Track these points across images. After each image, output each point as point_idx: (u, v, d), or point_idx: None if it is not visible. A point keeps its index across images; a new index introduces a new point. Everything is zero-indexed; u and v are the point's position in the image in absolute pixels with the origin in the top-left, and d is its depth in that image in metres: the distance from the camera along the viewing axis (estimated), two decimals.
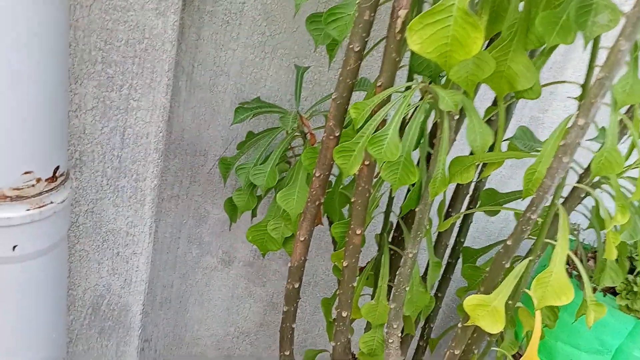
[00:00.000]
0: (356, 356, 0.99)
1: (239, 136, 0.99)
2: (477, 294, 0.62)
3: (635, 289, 0.94)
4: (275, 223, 0.83)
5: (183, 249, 1.07)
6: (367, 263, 0.87)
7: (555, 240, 0.60)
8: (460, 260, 0.93)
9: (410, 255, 0.69)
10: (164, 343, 1.17)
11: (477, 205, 0.88)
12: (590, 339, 1.03)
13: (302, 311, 1.24)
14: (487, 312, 0.59)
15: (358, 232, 0.71)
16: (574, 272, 1.06)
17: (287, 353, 0.89)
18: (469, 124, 0.56)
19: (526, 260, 0.64)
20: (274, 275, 1.18)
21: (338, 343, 0.81)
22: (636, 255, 0.99)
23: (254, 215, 0.94)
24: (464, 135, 0.59)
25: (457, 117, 0.60)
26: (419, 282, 0.80)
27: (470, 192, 0.89)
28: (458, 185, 0.87)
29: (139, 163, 0.80)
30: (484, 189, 0.87)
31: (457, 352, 0.68)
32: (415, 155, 0.64)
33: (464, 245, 0.93)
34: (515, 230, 0.58)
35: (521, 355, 0.93)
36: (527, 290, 0.69)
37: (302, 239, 0.77)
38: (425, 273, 0.86)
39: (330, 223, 0.93)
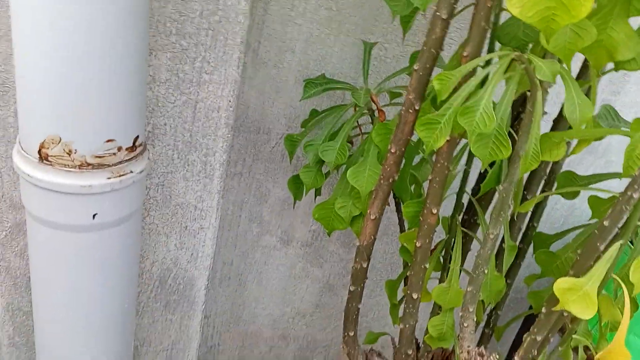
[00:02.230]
0: (419, 342, 0.96)
1: (302, 115, 0.97)
2: (556, 279, 0.58)
3: None
4: (343, 201, 0.81)
5: (244, 227, 1.07)
6: (436, 245, 0.84)
7: None
8: (531, 247, 0.89)
9: (492, 236, 0.66)
10: (222, 320, 1.18)
11: (554, 188, 0.83)
12: None
13: None
14: (578, 296, 0.56)
15: (434, 211, 0.69)
16: None
17: (352, 334, 0.87)
18: (567, 95, 0.52)
19: (617, 244, 0.60)
20: (332, 257, 1.16)
21: (406, 325, 0.79)
22: None
23: (318, 194, 0.92)
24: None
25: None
26: (493, 265, 0.77)
27: (546, 175, 0.85)
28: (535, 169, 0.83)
29: (209, 137, 0.79)
30: (561, 171, 0.83)
31: (539, 337, 0.65)
32: None
33: (537, 230, 0.89)
34: (614, 210, 0.54)
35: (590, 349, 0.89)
36: (614, 276, 0.66)
37: (372, 217, 0.75)
38: (497, 258, 0.83)
39: (397, 204, 0.90)
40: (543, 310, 0.64)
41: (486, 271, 0.68)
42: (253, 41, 0.89)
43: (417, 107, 0.63)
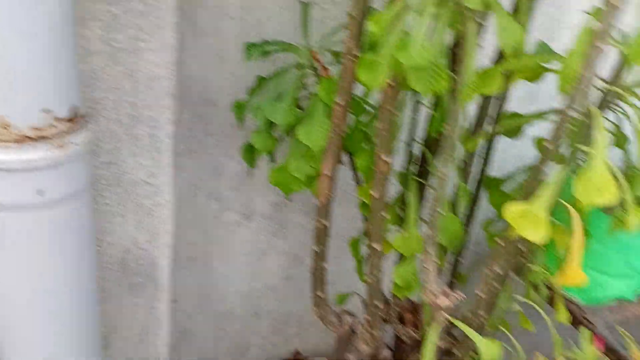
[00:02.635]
0: (388, 299, 0.98)
1: (248, 83, 0.96)
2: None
3: None
4: (298, 163, 0.81)
5: (203, 205, 1.06)
6: (393, 199, 0.86)
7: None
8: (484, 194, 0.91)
9: (442, 175, 0.67)
10: (192, 302, 1.17)
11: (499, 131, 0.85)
12: (619, 263, 1.01)
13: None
14: (529, 220, 0.58)
15: (385, 158, 0.69)
16: None
17: (321, 295, 0.88)
18: (498, 21, 0.53)
19: (562, 167, 0.62)
20: (296, 228, 1.16)
21: (373, 278, 0.80)
22: None
23: (272, 160, 0.92)
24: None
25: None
26: (449, 209, 0.78)
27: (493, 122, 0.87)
28: (480, 111, 0.84)
29: (153, 109, 0.78)
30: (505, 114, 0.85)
31: (496, 269, 0.66)
32: None
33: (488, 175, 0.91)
34: (555, 132, 0.56)
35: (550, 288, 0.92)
36: (562, 201, 0.68)
37: (328, 173, 0.75)
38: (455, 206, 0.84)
39: (352, 161, 0.91)
40: (498, 241, 0.66)
41: (442, 211, 0.69)
42: (189, 10, 0.87)
43: (356, 53, 0.63)
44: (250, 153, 0.88)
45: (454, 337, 0.89)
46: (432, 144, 0.80)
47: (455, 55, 0.63)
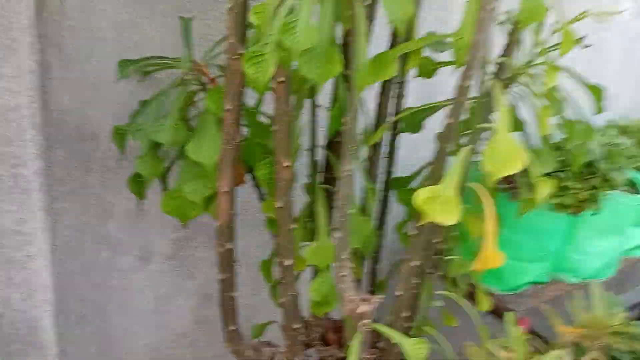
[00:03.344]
0: (306, 318, 0.92)
1: (132, 111, 0.88)
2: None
3: (563, 183, 0.96)
4: (192, 185, 0.73)
5: (91, 252, 0.94)
6: (299, 211, 0.81)
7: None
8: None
9: (346, 172, 0.63)
10: None
11: (400, 128, 0.85)
12: (532, 247, 1.04)
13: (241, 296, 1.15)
14: (439, 203, 0.55)
15: (286, 163, 0.65)
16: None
17: (233, 328, 0.80)
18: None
19: (468, 148, 0.61)
20: (203, 264, 1.07)
21: (286, 298, 0.74)
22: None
23: (165, 189, 0.83)
24: None
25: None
26: (358, 211, 0.75)
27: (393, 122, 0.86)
28: (379, 109, 0.83)
29: (14, 144, 0.67)
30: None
31: (413, 263, 0.63)
32: None
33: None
34: (454, 108, 0.55)
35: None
36: (471, 184, 0.67)
37: (225, 189, 0.69)
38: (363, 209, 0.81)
39: (253, 178, 0.85)
40: (410, 231, 0.63)
41: (350, 212, 0.65)
42: (55, 35, 0.78)
43: (240, 51, 0.59)
44: (137, 183, 0.79)
45: (380, 349, 0.85)
46: (335, 146, 0.76)
47: (347, 45, 0.61)
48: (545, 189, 0.64)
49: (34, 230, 0.72)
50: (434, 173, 0.59)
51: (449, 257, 0.73)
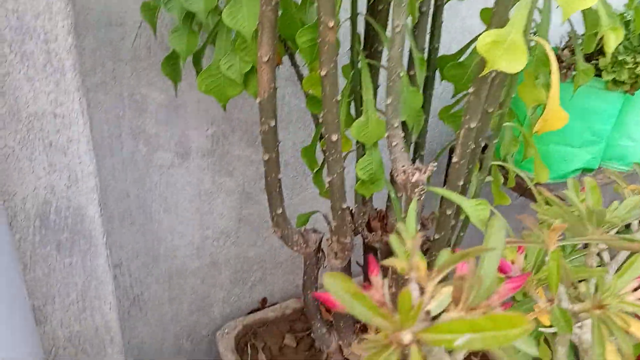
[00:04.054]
0: (353, 212, 0.90)
1: None
2: None
3: (620, 57, 0.89)
4: (229, 59, 0.69)
5: (128, 147, 0.93)
6: (342, 90, 0.77)
7: None
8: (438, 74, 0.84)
9: (398, 29, 0.58)
10: (136, 264, 1.04)
11: None
12: (582, 131, 0.99)
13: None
14: (505, 48, 0.50)
15: (330, 24, 0.60)
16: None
17: (279, 211, 0.78)
18: None
19: None
20: (240, 162, 1.06)
21: (334, 175, 0.71)
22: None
23: (198, 68, 0.80)
24: None
25: None
26: (407, 81, 0.70)
27: None
28: None
29: (41, 16, 0.63)
30: None
31: (472, 125, 0.59)
32: None
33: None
34: None
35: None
36: (535, 38, 0.61)
37: (265, 59, 0.64)
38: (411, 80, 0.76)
39: (290, 56, 0.81)
40: (470, 91, 0.58)
41: (402, 73, 0.61)
42: None
43: None
44: (172, 64, 0.75)
45: (427, 238, 0.82)
46: (378, 14, 0.71)
47: None
48: (583, 79, 0.58)
49: (71, 113, 0.70)
50: (497, 16, 0.53)
51: (505, 124, 0.69)
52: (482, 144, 0.70)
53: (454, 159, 0.63)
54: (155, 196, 0.99)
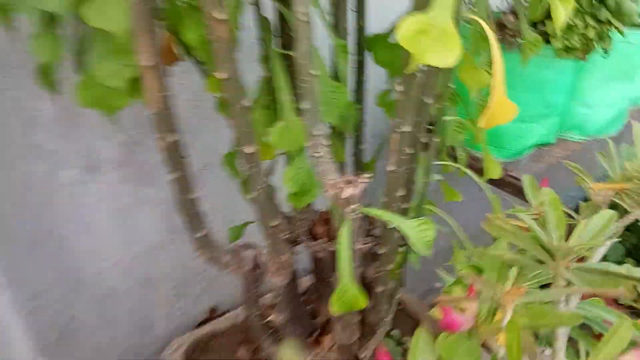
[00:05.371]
0: (288, 213, 0.80)
1: None
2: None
3: (570, 22, 0.79)
4: (107, 65, 0.57)
5: (25, 166, 0.79)
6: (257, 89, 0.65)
7: None
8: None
9: (303, 17, 0.46)
10: (57, 294, 0.92)
11: None
12: (534, 104, 0.90)
13: (220, 196, 1.02)
14: (433, 37, 0.39)
15: (219, 16, 0.47)
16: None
17: (200, 234, 0.67)
18: None
19: None
20: (160, 169, 0.92)
21: (257, 192, 0.61)
22: None
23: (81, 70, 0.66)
24: None
25: None
26: (326, 77, 0.59)
27: None
28: None
29: None
30: None
31: (405, 129, 0.49)
32: None
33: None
34: None
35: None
36: (467, 14, 0.51)
37: (146, 63, 0.52)
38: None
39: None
40: (397, 92, 0.47)
41: (315, 72, 0.49)
42: None
43: None
44: (45, 73, 0.62)
45: (375, 237, 0.73)
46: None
47: None
48: (532, 50, 0.48)
49: None
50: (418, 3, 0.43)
51: (445, 119, 0.59)
52: (423, 139, 0.60)
53: (389, 167, 0.53)
54: (66, 218, 0.87)
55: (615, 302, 0.84)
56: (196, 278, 1.10)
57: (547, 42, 0.85)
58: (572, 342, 0.39)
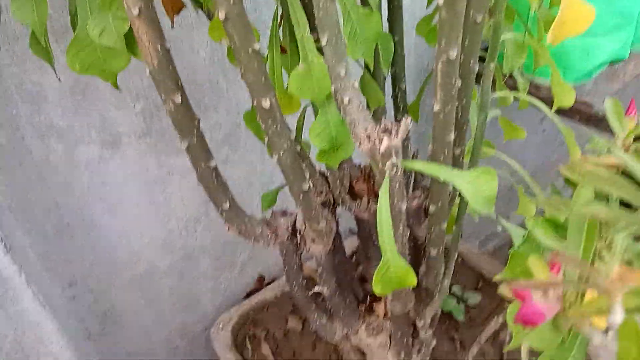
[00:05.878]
0: (327, 175, 0.71)
1: None
2: None
3: None
4: (99, 21, 0.48)
5: (38, 146, 0.74)
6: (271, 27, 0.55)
7: None
8: None
9: None
10: (95, 278, 0.88)
11: None
12: (606, 15, 0.76)
13: (252, 161, 0.95)
14: None
15: None
16: None
17: (227, 205, 0.60)
18: None
19: None
20: None
21: (280, 152, 0.52)
22: None
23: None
24: None
25: None
26: (352, 1, 0.49)
27: None
28: None
29: None
30: None
31: (452, 54, 0.38)
32: None
33: None
34: None
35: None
36: None
37: (135, 11, 0.43)
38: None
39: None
40: (439, 2, 0.37)
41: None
42: None
43: None
44: (36, 41, 0.55)
45: (425, 188, 0.64)
46: None
47: None
48: None
49: None
50: None
51: (500, 39, 0.48)
52: (476, 68, 0.49)
53: (435, 107, 0.43)
54: (91, 199, 0.81)
55: None
56: (237, 248, 1.04)
57: None
58: None
